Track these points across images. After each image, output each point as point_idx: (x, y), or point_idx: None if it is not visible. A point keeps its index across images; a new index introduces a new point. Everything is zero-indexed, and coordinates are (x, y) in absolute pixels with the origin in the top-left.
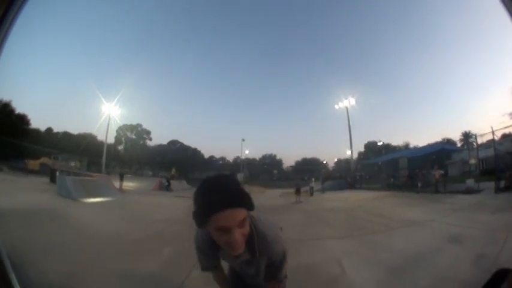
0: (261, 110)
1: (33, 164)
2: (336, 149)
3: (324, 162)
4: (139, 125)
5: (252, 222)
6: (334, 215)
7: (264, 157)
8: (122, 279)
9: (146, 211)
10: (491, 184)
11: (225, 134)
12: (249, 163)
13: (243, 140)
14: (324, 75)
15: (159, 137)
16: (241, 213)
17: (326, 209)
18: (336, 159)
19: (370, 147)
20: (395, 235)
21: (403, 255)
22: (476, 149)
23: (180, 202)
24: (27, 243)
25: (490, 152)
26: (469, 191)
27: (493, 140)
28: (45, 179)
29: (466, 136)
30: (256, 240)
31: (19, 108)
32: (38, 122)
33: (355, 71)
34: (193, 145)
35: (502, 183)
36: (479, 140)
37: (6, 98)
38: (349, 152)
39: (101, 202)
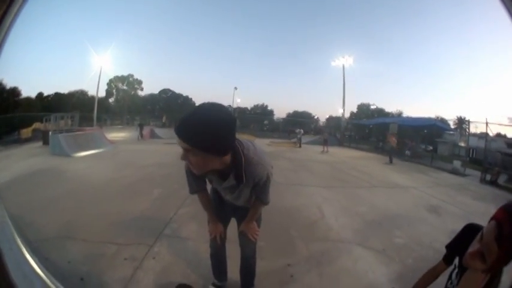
0: (255, 59)
1: (26, 132)
2: (329, 105)
3: (315, 117)
4: (130, 75)
5: (241, 149)
6: (320, 166)
7: (256, 107)
8: (115, 220)
9: (137, 158)
10: (477, 173)
11: (217, 82)
12: (240, 112)
13: (236, 88)
14: (323, 29)
15: (151, 87)
16: (182, 143)
17: (313, 160)
18: (327, 116)
19: (363, 109)
20: (376, 192)
21: (381, 212)
22: (467, 135)
23: (169, 148)
24: (23, 208)
25: (482, 144)
26: (454, 172)
27: (486, 133)
28: (38, 144)
29: (460, 121)
30: (243, 165)
31: (11, 82)
32: (30, 90)
33: (356, 30)
34: (184, 93)
35: (488, 177)
36: (473, 129)
37: None
38: (341, 110)
39: (94, 154)
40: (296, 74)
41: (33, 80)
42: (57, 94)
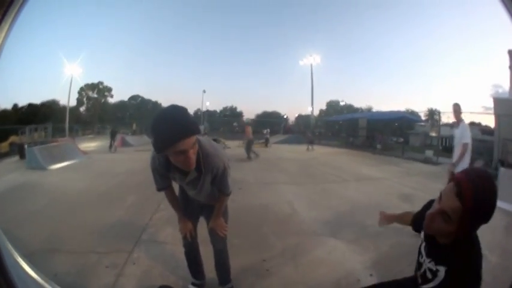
0: (223, 60)
1: (3, 146)
2: (298, 104)
3: (285, 116)
4: (100, 83)
5: (197, 144)
6: (290, 164)
7: (225, 109)
8: (94, 230)
9: (109, 167)
10: (451, 161)
11: (186, 86)
12: (210, 115)
13: (204, 91)
14: (290, 30)
15: (121, 94)
16: (193, 138)
17: (282, 158)
18: (296, 114)
19: (333, 105)
20: (347, 186)
21: (353, 204)
22: (438, 125)
23: (141, 155)
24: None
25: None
26: (427, 161)
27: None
28: (16, 158)
29: (432, 112)
30: (201, 158)
31: None
32: (5, 101)
33: (323, 28)
34: (154, 99)
35: None
36: (445, 120)
37: None
38: (310, 108)
39: (68, 166)
40: (264, 74)
41: (8, 90)
42: (30, 105)
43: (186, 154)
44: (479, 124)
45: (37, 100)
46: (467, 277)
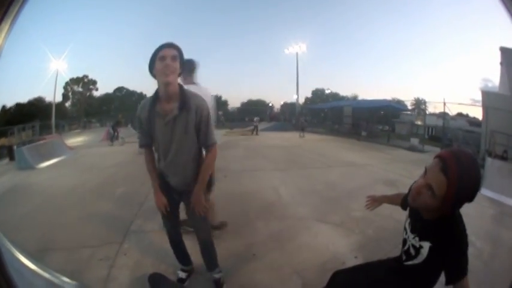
0: (206, 50)
1: None
2: (283, 92)
3: (270, 104)
4: (85, 76)
5: (182, 88)
6: (276, 151)
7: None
8: (85, 224)
9: (97, 161)
10: (436, 149)
11: None
12: None
13: None
14: (275, 18)
15: (105, 86)
16: (172, 51)
17: (268, 145)
18: (282, 102)
19: (318, 94)
20: (332, 171)
21: (338, 189)
22: (424, 114)
23: (127, 147)
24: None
25: (441, 122)
26: (412, 149)
27: (444, 112)
28: (5, 161)
29: (418, 101)
30: (187, 96)
31: None
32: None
33: (309, 16)
34: (139, 90)
35: None
36: (432, 110)
37: None
38: (295, 96)
39: (56, 162)
40: (249, 62)
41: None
42: (18, 105)
43: (165, 61)
44: (467, 115)
45: (24, 99)
46: (452, 256)
